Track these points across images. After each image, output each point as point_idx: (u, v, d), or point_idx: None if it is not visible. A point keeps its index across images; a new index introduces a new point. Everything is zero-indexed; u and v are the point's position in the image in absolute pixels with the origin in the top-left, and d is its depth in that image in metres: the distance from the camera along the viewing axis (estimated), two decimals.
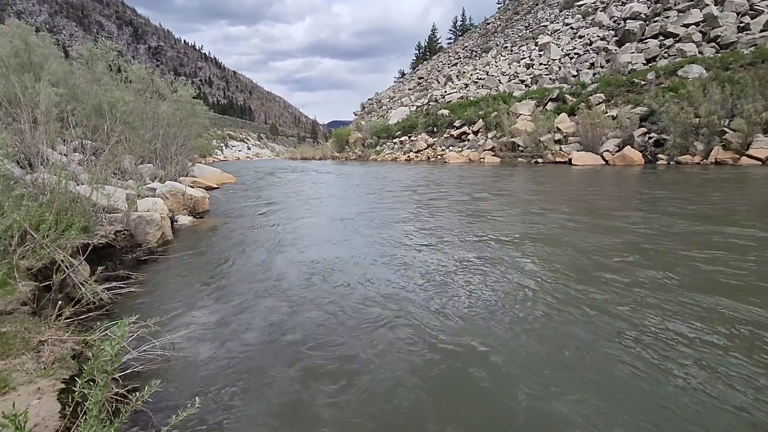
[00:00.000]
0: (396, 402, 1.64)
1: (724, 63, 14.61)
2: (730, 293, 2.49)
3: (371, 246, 4.02)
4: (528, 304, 2.52)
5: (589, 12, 29.10)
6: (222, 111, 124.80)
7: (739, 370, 1.73)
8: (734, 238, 3.66)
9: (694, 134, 12.35)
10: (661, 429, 1.43)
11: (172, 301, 2.76)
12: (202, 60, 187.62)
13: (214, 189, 10.29)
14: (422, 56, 60.50)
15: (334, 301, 2.68)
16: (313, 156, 35.18)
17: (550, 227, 4.47)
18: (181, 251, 4.10)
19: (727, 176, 8.73)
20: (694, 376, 1.70)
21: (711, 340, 1.98)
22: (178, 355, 2.03)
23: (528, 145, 16.76)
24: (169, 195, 6.05)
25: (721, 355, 1.84)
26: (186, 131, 9.58)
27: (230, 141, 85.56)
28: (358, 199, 7.66)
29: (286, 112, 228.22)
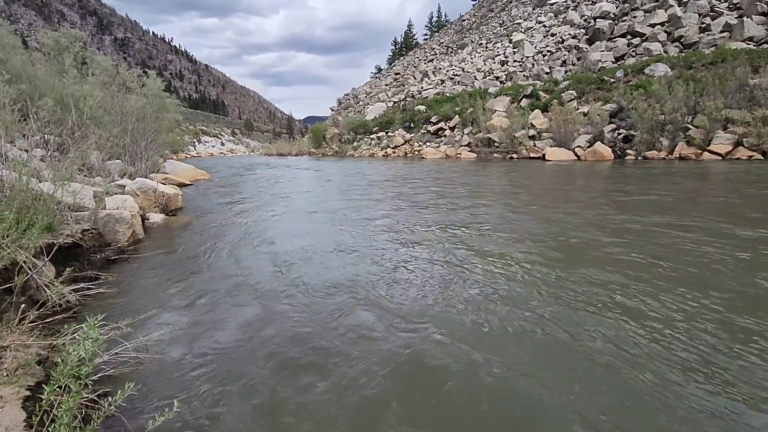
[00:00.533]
0: (369, 391, 1.65)
1: (687, 62, 15.24)
2: (617, 269, 2.89)
3: (340, 240, 4.03)
4: (485, 288, 2.67)
5: (560, 10, 29.75)
6: (194, 105, 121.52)
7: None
8: (654, 226, 4.07)
9: (660, 130, 12.84)
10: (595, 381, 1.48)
11: (144, 301, 2.67)
12: (172, 53, 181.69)
13: (187, 186, 10.02)
14: (398, 52, 60.47)
15: (304, 294, 2.68)
16: (290, 152, 34.71)
17: (505, 218, 4.58)
18: (153, 250, 3.97)
19: (681, 171, 9.11)
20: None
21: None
22: (152, 356, 1.96)
23: (503, 141, 17.04)
24: (139, 192, 5.84)
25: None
26: (156, 126, 9.27)
27: (203, 136, 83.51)
28: (332, 195, 7.62)
29: (260, 107, 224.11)
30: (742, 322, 2.08)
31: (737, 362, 1.74)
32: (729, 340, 1.91)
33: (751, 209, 4.80)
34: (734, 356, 1.79)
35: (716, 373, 1.68)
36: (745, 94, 11.97)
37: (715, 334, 1.97)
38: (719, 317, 2.13)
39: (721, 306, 2.25)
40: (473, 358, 1.87)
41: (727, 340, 1.91)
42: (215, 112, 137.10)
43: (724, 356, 1.79)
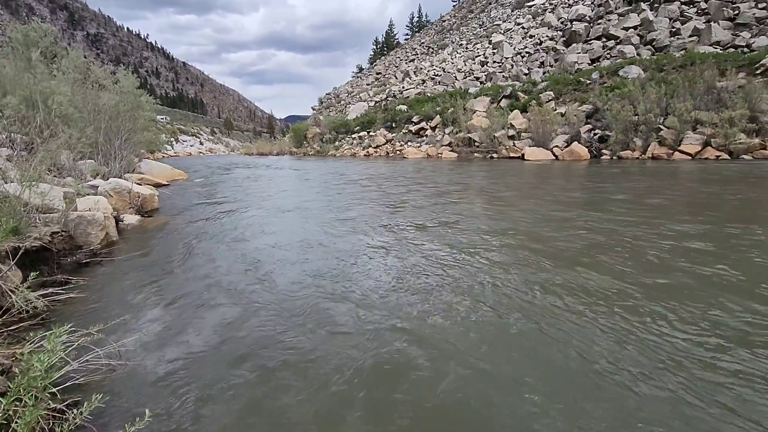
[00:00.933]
0: (344, 390, 1.64)
1: (659, 64, 15.75)
2: (551, 256, 3.22)
3: (313, 240, 4.03)
4: (434, 279, 2.85)
5: (538, 13, 30.30)
6: (171, 104, 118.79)
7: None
8: (595, 220, 4.39)
9: (633, 131, 13.23)
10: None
11: (117, 306, 2.59)
12: (148, 50, 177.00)
13: (163, 186, 9.78)
14: (380, 51, 60.47)
15: (277, 294, 2.67)
16: (270, 151, 34.31)
17: (468, 215, 4.65)
18: (127, 252, 3.86)
19: (646, 170, 9.41)
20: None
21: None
22: (125, 363, 1.90)
23: (483, 141, 17.25)
24: (113, 193, 5.67)
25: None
26: (131, 125, 9.01)
27: (181, 136, 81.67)
28: (309, 195, 7.57)
29: (240, 105, 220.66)
30: (652, 305, 2.32)
31: (642, 334, 2.03)
32: (639, 321, 2.15)
33: (688, 206, 5.18)
34: (641, 330, 2.06)
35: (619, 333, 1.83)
36: (712, 96, 12.44)
37: (629, 313, 2.23)
38: (631, 299, 2.41)
39: (635, 289, 2.54)
40: (431, 348, 1.97)
41: (638, 321, 2.16)
42: (193, 110, 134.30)
43: (631, 327, 2.08)
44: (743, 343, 1.88)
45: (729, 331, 1.99)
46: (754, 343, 1.87)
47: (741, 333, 1.97)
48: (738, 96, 11.87)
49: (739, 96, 11.84)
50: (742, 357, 1.77)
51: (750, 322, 2.06)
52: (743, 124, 11.31)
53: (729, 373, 1.66)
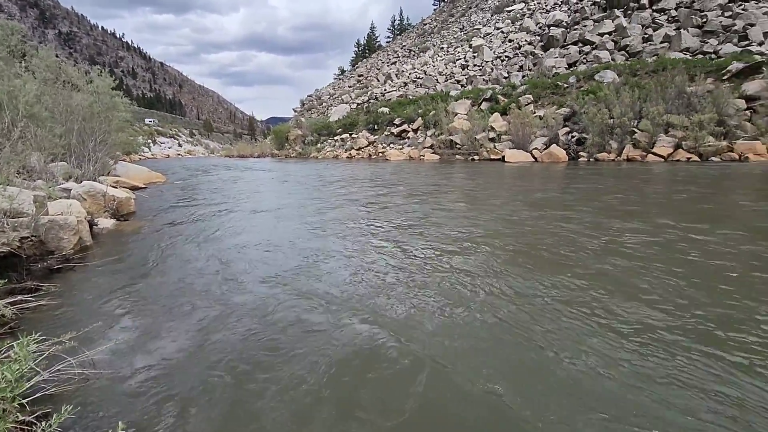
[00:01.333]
0: (317, 389, 1.64)
1: (633, 69, 16.24)
2: (505, 252, 3.14)
3: (290, 241, 4.03)
4: (397, 275, 2.97)
5: (517, 18, 30.87)
6: (149, 105, 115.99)
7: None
8: (552, 219, 4.40)
9: (609, 134, 13.60)
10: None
11: (90, 313, 2.51)
12: (123, 49, 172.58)
13: (140, 189, 9.54)
14: (362, 54, 60.49)
15: (251, 296, 2.68)
16: (251, 153, 33.87)
17: (434, 216, 4.71)
18: (101, 257, 3.75)
19: (615, 172, 9.70)
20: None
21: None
22: (99, 372, 1.85)
23: (465, 143, 17.43)
24: (87, 196, 5.50)
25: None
26: (106, 126, 8.75)
27: (159, 137, 79.84)
28: (290, 198, 7.51)
29: (220, 107, 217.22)
30: (584, 293, 2.57)
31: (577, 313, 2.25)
32: (570, 304, 2.41)
33: (635, 205, 5.50)
34: (576, 312, 2.34)
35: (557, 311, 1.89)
36: (683, 100, 12.91)
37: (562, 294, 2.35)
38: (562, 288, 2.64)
39: (571, 280, 2.80)
40: (394, 339, 2.04)
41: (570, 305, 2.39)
42: (172, 111, 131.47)
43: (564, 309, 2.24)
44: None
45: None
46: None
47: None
48: (706, 100, 12.34)
49: (707, 100, 12.32)
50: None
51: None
52: (712, 128, 11.77)
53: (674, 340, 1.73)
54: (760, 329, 2.05)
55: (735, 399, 1.55)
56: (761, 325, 2.08)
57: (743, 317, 2.17)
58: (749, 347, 1.89)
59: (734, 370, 1.73)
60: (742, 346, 1.91)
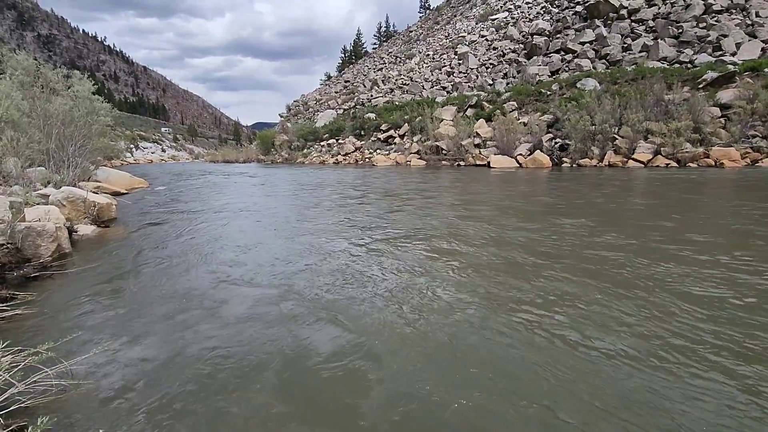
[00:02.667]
0: (303, 394, 1.62)
1: (613, 78, 16.67)
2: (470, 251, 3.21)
3: (273, 249, 3.99)
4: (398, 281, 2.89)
5: (501, 26, 31.38)
6: (131, 109, 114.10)
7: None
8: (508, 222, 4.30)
9: (591, 140, 13.90)
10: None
11: (69, 323, 2.44)
12: (105, 53, 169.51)
13: (122, 195, 9.36)
14: (348, 60, 60.65)
15: (232, 305, 2.63)
16: (237, 159, 33.59)
17: (413, 220, 4.75)
18: (81, 265, 3.65)
19: (597, 178, 9.93)
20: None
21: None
22: (77, 383, 1.80)
23: (451, 149, 17.60)
24: (66, 202, 5.37)
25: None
26: (86, 131, 8.57)
27: (141, 142, 78.55)
28: (275, 205, 7.48)
29: (205, 112, 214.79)
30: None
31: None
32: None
33: (593, 210, 5.72)
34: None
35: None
36: (661, 108, 13.29)
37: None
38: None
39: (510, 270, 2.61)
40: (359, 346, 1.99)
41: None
42: (155, 116, 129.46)
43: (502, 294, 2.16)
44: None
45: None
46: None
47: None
48: (683, 108, 12.74)
49: (684, 108, 12.71)
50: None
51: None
52: (688, 135, 12.13)
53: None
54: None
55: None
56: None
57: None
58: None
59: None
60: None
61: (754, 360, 1.81)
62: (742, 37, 17.42)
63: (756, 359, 1.81)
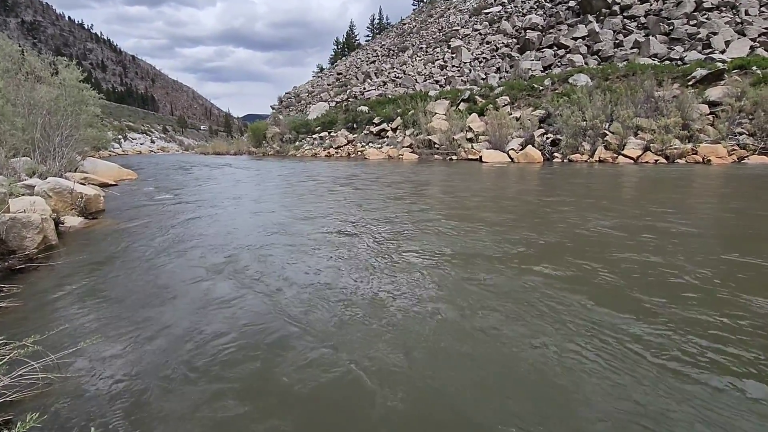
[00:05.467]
0: (300, 398, 1.62)
1: (605, 74, 16.76)
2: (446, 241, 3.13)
3: (260, 241, 3.95)
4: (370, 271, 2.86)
5: (495, 20, 31.33)
6: (119, 99, 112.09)
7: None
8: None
9: (582, 135, 13.99)
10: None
11: (55, 315, 2.40)
12: (92, 41, 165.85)
13: (111, 186, 9.22)
14: (341, 52, 60.11)
15: (223, 297, 2.60)
16: (227, 151, 33.23)
17: (399, 212, 4.78)
18: (68, 257, 3.60)
19: (587, 173, 10.03)
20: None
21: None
22: (64, 376, 1.77)
23: (443, 143, 17.60)
24: (52, 193, 5.27)
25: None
26: (73, 120, 8.40)
27: (130, 133, 77.35)
28: (265, 197, 7.43)
29: (195, 103, 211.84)
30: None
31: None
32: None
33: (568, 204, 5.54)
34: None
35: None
36: (651, 104, 13.42)
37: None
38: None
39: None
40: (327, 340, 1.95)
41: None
42: (144, 106, 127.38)
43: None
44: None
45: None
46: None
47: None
48: (673, 105, 12.87)
49: (673, 105, 12.85)
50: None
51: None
52: (677, 131, 12.28)
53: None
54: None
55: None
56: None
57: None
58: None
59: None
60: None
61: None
62: (731, 35, 17.62)
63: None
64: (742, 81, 13.00)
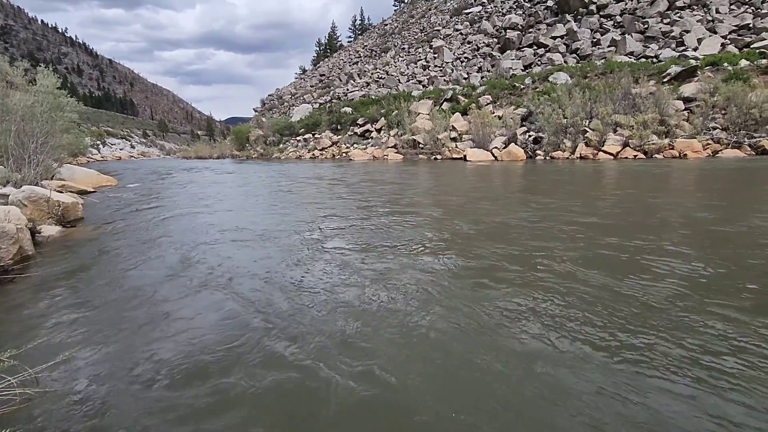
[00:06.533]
0: (281, 404, 1.62)
1: (583, 72, 17.08)
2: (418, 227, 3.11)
3: (242, 249, 3.90)
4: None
5: (475, 20, 31.64)
6: (97, 104, 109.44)
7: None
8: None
9: (563, 133, 14.24)
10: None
11: (32, 328, 2.34)
12: (67, 45, 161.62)
13: (89, 193, 9.01)
14: (323, 53, 59.93)
15: (203, 307, 2.56)
16: (210, 155, 32.84)
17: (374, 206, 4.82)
18: (45, 267, 3.51)
19: (566, 169, 10.23)
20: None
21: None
22: (44, 391, 1.73)
23: (428, 143, 17.70)
24: (27, 202, 5.13)
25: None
26: (49, 127, 8.18)
27: (109, 138, 75.71)
28: (246, 202, 7.36)
29: (176, 106, 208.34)
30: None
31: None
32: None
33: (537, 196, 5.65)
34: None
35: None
36: (629, 101, 13.73)
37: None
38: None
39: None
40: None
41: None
42: (123, 111, 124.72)
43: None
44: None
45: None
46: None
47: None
48: (649, 101, 13.20)
49: (650, 101, 13.17)
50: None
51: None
52: (655, 127, 12.59)
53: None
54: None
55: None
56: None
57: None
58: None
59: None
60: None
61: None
62: (703, 32, 18.15)
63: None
64: (715, 77, 13.41)
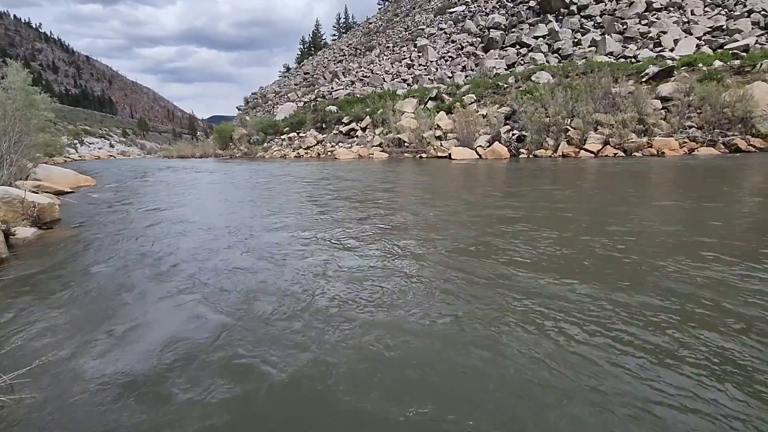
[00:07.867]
0: (264, 402, 1.61)
1: (565, 71, 17.36)
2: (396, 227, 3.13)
3: (222, 250, 3.84)
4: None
5: (459, 19, 31.81)
6: (74, 102, 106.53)
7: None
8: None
9: (546, 131, 14.45)
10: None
11: (7, 333, 2.27)
12: (41, 40, 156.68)
13: (67, 194, 8.76)
14: (307, 51, 59.46)
15: (182, 309, 2.52)
16: (193, 154, 32.29)
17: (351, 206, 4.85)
18: (20, 270, 3.40)
19: (548, 167, 10.41)
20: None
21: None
22: (19, 398, 1.68)
23: (413, 141, 17.75)
24: (1, 203, 4.96)
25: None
26: (22, 125, 7.92)
27: (87, 137, 73.84)
28: (222, 202, 7.27)
29: (156, 105, 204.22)
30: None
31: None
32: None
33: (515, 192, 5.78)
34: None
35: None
36: (609, 100, 14.01)
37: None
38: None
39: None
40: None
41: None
42: (101, 109, 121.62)
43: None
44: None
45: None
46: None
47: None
48: (628, 100, 13.49)
49: (629, 101, 13.47)
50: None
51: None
52: (634, 126, 12.88)
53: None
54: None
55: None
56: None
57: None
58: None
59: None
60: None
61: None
62: (679, 33, 18.64)
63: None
64: (690, 77, 13.78)
